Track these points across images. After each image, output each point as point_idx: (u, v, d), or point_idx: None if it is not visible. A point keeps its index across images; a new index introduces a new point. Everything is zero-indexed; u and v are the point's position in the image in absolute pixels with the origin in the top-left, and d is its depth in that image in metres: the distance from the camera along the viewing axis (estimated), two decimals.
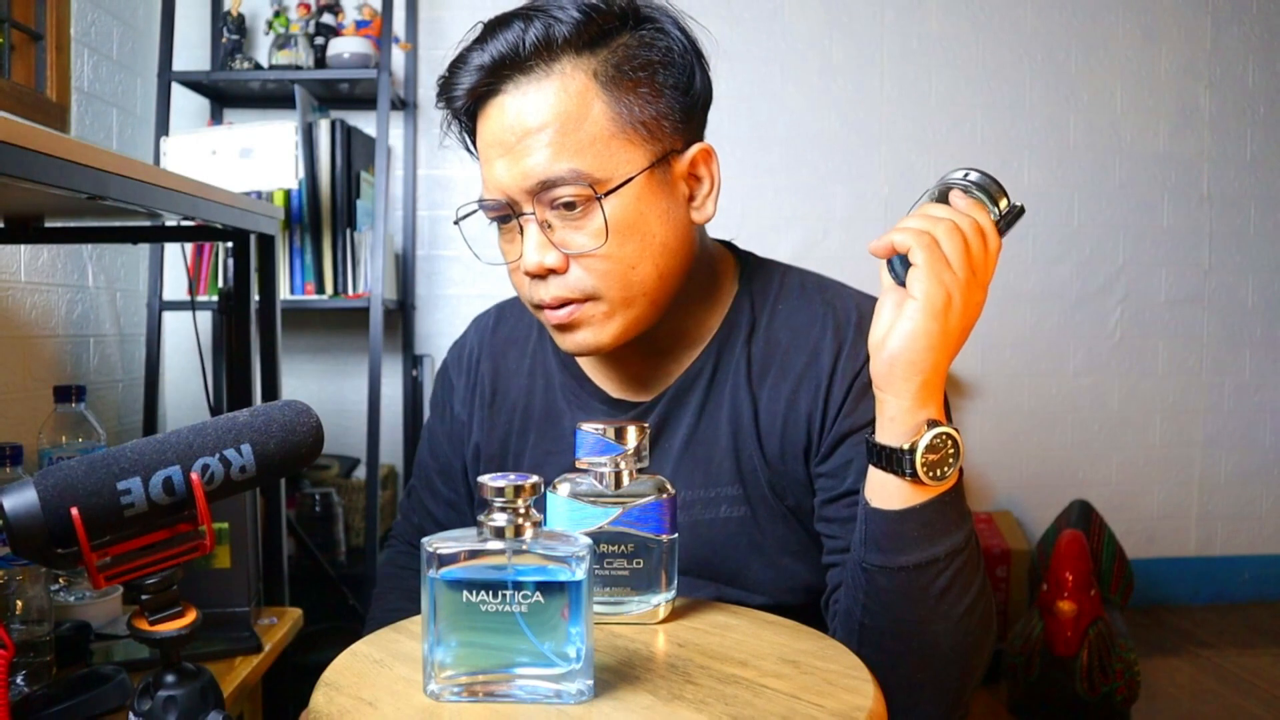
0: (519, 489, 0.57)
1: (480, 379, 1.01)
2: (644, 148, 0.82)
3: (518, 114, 0.81)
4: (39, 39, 1.97)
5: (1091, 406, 2.90)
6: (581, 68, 0.81)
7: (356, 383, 2.60)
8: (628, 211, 0.81)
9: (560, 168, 0.80)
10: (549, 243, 0.82)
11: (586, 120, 0.80)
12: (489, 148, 0.84)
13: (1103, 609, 2.10)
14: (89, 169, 0.91)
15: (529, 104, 0.80)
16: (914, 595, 0.73)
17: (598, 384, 0.95)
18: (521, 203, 0.82)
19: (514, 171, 0.81)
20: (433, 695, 0.58)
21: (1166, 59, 2.86)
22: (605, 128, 0.80)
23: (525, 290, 0.86)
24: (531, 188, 0.81)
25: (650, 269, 0.83)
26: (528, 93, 0.81)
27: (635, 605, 0.71)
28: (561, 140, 0.80)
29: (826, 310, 0.91)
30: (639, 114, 0.81)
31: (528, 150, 0.80)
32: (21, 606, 1.03)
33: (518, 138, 0.81)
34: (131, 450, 0.53)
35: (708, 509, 0.89)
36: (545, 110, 0.80)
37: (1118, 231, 2.88)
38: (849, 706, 0.57)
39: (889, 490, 0.73)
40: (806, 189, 2.76)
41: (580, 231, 0.82)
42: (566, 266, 0.82)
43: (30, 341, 1.91)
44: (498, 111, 0.82)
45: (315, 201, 2.26)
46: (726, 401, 0.90)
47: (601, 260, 0.82)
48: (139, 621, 0.53)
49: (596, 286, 0.83)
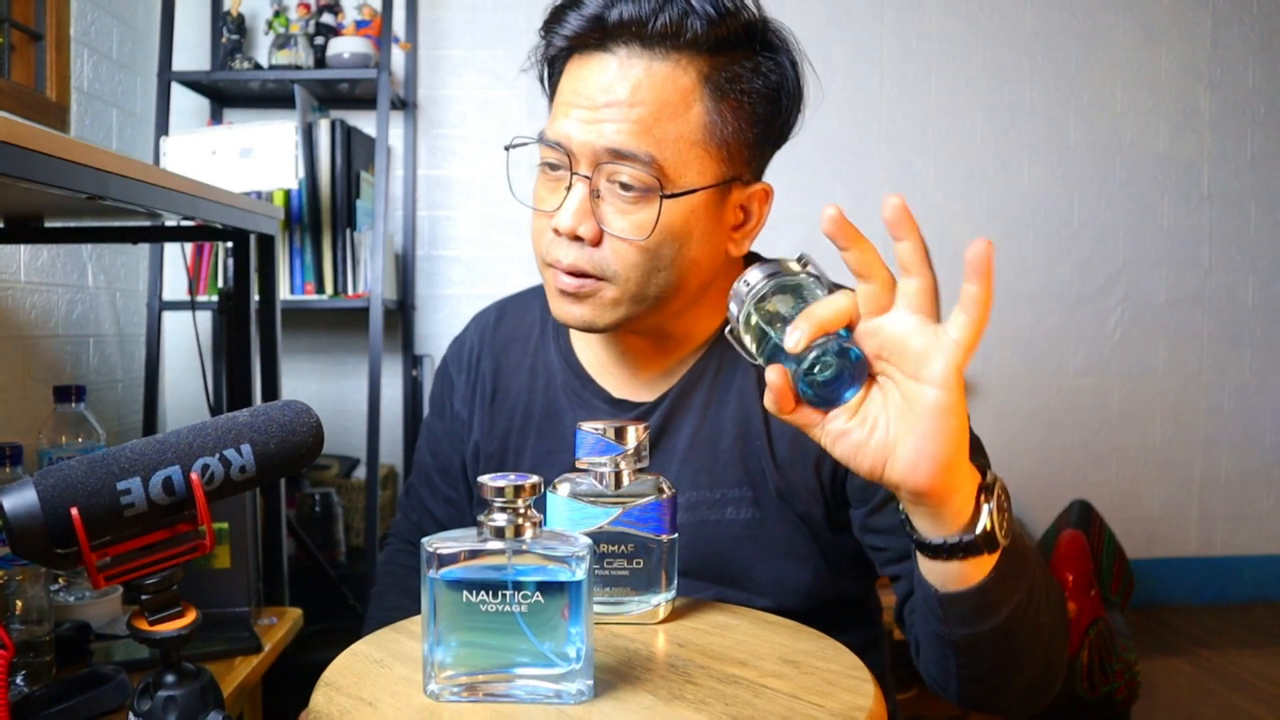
0: (519, 489, 0.57)
1: (481, 376, 1.01)
2: (717, 166, 0.82)
3: (618, 80, 0.79)
4: (39, 39, 1.97)
5: (1091, 406, 2.90)
6: (695, 67, 0.80)
7: (356, 383, 2.60)
8: (677, 219, 0.81)
9: (638, 147, 0.79)
10: (590, 212, 0.81)
11: (681, 118, 0.80)
12: (573, 95, 0.82)
13: (1103, 609, 2.10)
14: (89, 169, 0.91)
15: (633, 77, 0.79)
16: (1011, 640, 0.69)
17: (600, 383, 0.94)
18: (581, 161, 0.81)
19: (590, 131, 0.80)
20: (433, 695, 0.58)
21: (1166, 59, 2.86)
22: (694, 132, 0.80)
23: (544, 243, 0.85)
24: (599, 153, 0.80)
25: (673, 278, 0.83)
26: (637, 66, 0.79)
27: (635, 605, 0.71)
28: (650, 124, 0.79)
29: None
30: (726, 133, 0.82)
31: (613, 118, 0.79)
32: (21, 606, 1.03)
33: (607, 102, 0.79)
34: (131, 450, 0.53)
35: (713, 510, 0.87)
36: (646, 90, 0.79)
37: (1118, 231, 2.88)
38: (849, 707, 0.57)
39: (965, 573, 0.65)
40: (806, 189, 2.76)
41: (627, 216, 0.81)
42: (599, 241, 0.81)
43: (30, 341, 1.91)
44: (599, 68, 0.80)
45: (315, 201, 2.27)
46: (733, 402, 0.89)
47: (635, 251, 0.81)
48: (139, 621, 0.53)
49: (617, 272, 0.82)
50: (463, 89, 2.63)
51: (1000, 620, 0.67)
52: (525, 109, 2.62)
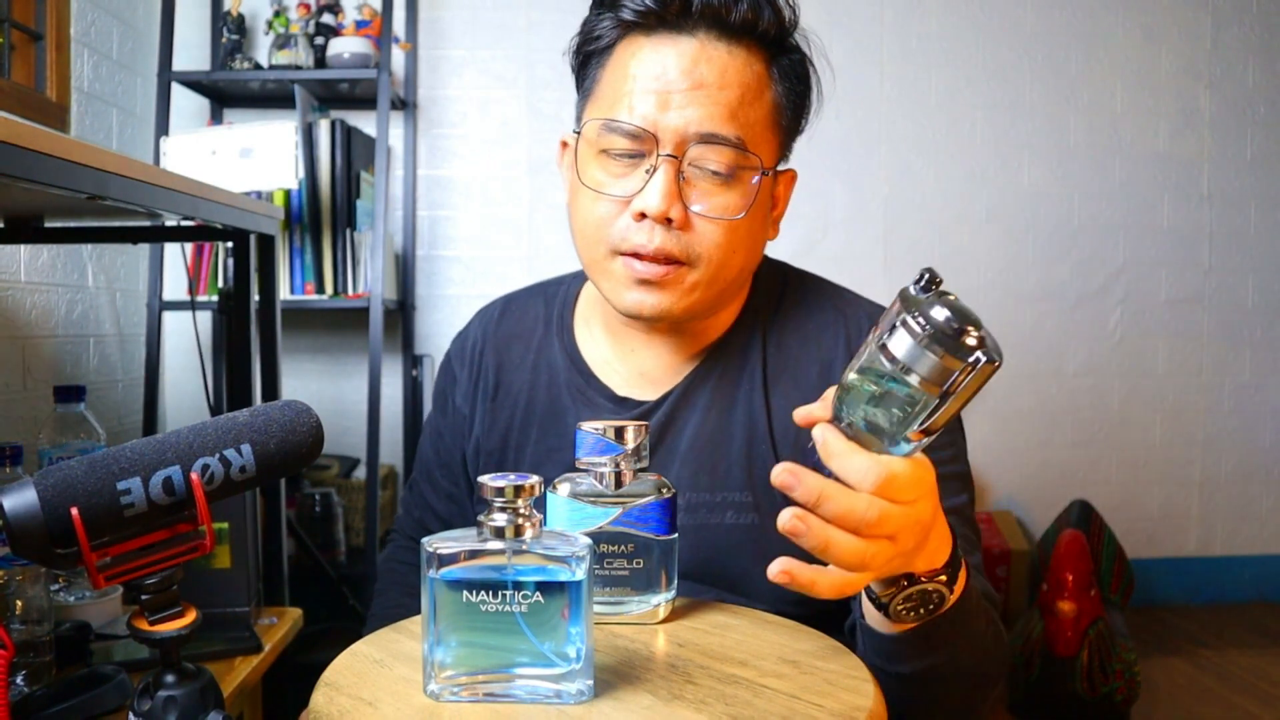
0: (519, 489, 0.57)
1: (484, 371, 1.00)
2: (776, 149, 0.86)
3: (700, 63, 0.81)
4: (39, 39, 1.97)
5: (1091, 406, 2.90)
6: (762, 58, 0.84)
7: (356, 383, 2.60)
8: (760, 198, 0.84)
9: (729, 130, 0.81)
10: (679, 194, 0.81)
11: (760, 102, 0.83)
12: (649, 79, 0.81)
13: (1103, 609, 2.10)
14: (89, 169, 0.91)
15: (716, 61, 0.81)
16: (921, 691, 0.71)
17: (604, 381, 0.94)
18: (668, 144, 0.81)
19: (680, 114, 0.80)
20: (433, 695, 0.58)
21: (1166, 59, 2.86)
22: (769, 114, 0.84)
23: (618, 231, 0.83)
24: (690, 136, 0.80)
25: (742, 259, 0.85)
26: (719, 49, 0.81)
27: (635, 605, 0.71)
28: (737, 106, 0.81)
29: (838, 318, 0.91)
30: (785, 119, 0.86)
31: (701, 101, 0.80)
32: (21, 606, 1.03)
33: (692, 84, 0.80)
34: (131, 450, 0.53)
35: (713, 514, 0.87)
36: (730, 74, 0.81)
37: (1117, 231, 2.88)
38: (849, 706, 0.57)
39: (876, 616, 0.68)
40: (806, 189, 2.74)
41: (715, 198, 0.82)
42: (688, 225, 0.82)
43: (30, 341, 1.91)
44: (679, 51, 0.81)
45: (315, 201, 2.27)
46: (740, 405, 0.89)
47: (723, 233, 0.82)
48: (139, 621, 0.53)
49: (701, 255, 0.82)
50: (463, 89, 2.63)
51: (909, 671, 0.69)
52: (525, 109, 2.62)
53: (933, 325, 0.51)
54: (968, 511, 0.87)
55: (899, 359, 0.52)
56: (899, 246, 2.77)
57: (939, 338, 0.51)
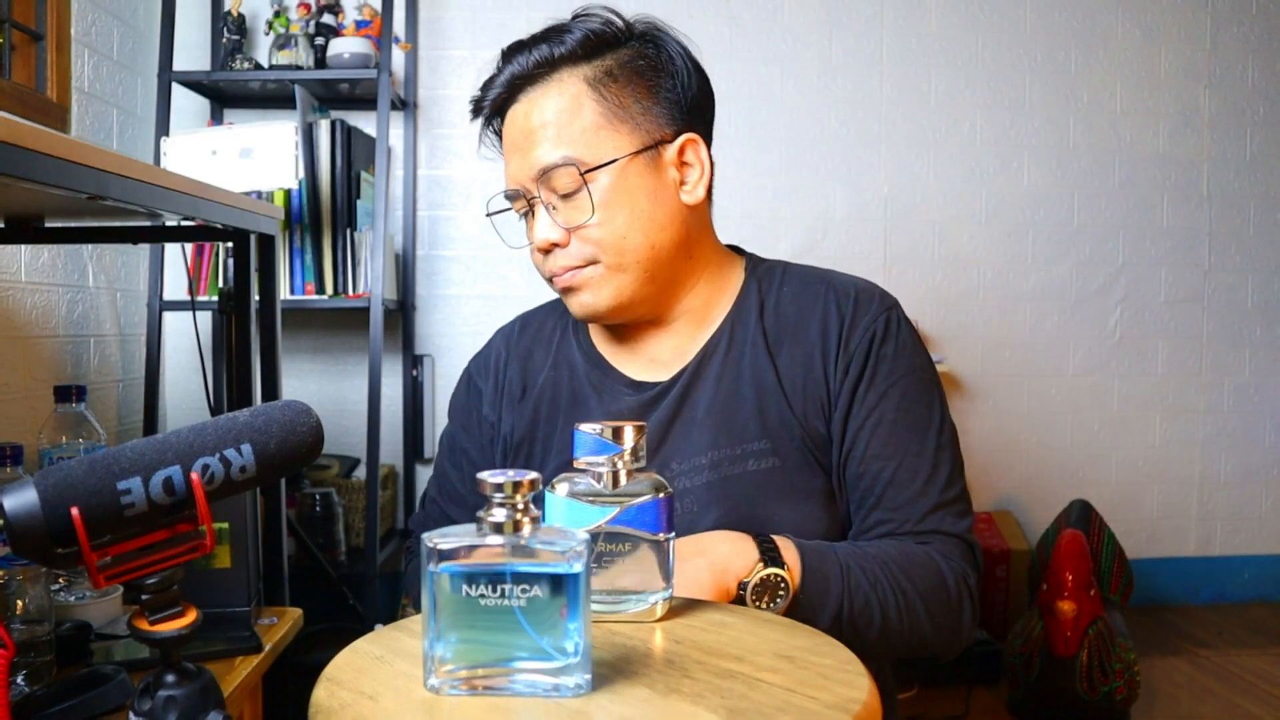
0: (517, 485, 0.58)
1: (509, 381, 1.08)
2: (631, 137, 0.96)
3: (525, 116, 0.96)
4: (39, 39, 1.97)
5: (1091, 406, 2.90)
6: (576, 75, 0.96)
7: (356, 383, 2.60)
8: (614, 189, 0.95)
9: (555, 155, 0.94)
10: (553, 222, 0.96)
11: (578, 116, 0.95)
12: (507, 149, 1.00)
13: (1103, 609, 2.10)
14: (89, 169, 0.91)
15: (535, 108, 0.96)
16: (852, 639, 0.80)
17: (620, 370, 1.03)
18: (531, 189, 0.97)
19: (523, 164, 0.96)
20: (433, 689, 0.59)
21: (1166, 59, 2.86)
22: (594, 121, 0.95)
23: (541, 265, 1.01)
24: (535, 175, 0.96)
25: (641, 239, 0.96)
26: (534, 99, 0.96)
27: (633, 604, 0.71)
28: (557, 134, 0.95)
29: (829, 290, 1.01)
30: (629, 110, 0.96)
31: (532, 145, 0.95)
32: (22, 606, 1.03)
33: (525, 136, 0.96)
34: (131, 450, 0.53)
35: (735, 465, 0.96)
36: (546, 111, 0.95)
37: (1117, 231, 2.88)
38: (843, 699, 0.58)
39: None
40: (806, 189, 2.76)
41: (575, 209, 0.95)
42: (568, 240, 0.97)
43: (30, 341, 1.91)
44: (512, 117, 0.99)
45: (315, 201, 2.27)
46: (747, 369, 0.98)
47: (596, 229, 0.95)
48: (139, 621, 0.53)
49: (594, 254, 0.96)
50: (463, 89, 2.63)
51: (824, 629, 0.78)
52: None
53: None
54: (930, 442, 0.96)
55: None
56: (899, 246, 2.77)
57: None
